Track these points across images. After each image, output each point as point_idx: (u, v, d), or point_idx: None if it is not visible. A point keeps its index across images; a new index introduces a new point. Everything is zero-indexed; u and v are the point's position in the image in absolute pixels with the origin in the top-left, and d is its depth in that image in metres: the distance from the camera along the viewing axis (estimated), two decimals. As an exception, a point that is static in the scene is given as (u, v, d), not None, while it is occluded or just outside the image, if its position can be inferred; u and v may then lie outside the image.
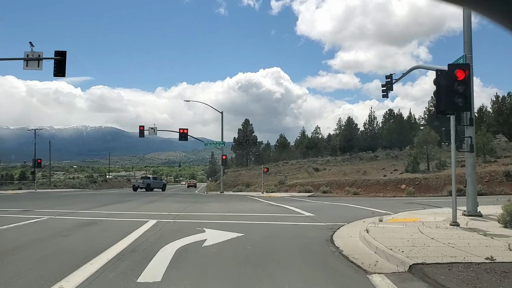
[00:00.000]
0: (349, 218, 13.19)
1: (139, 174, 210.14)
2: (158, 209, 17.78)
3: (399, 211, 15.91)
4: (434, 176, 37.54)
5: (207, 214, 15.03)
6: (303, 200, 27.44)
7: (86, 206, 18.50)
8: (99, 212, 15.51)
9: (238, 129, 76.01)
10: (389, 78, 24.05)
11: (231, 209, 17.81)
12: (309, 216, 14.28)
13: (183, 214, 14.87)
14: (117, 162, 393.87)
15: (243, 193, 43.70)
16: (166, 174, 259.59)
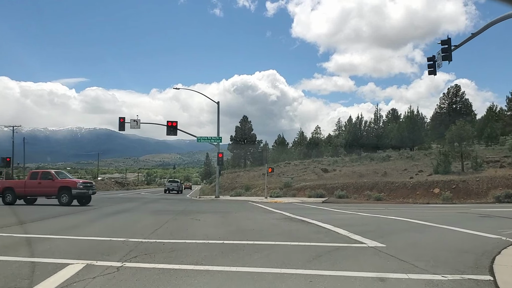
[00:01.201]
0: (469, 254, 6.76)
1: (132, 176, 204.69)
2: (116, 227, 11.42)
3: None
4: (473, 178, 31.19)
5: (192, 243, 8.59)
6: (325, 210, 20.93)
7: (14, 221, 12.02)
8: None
9: (236, 127, 69.47)
10: (446, 44, 17.63)
11: (233, 228, 11.31)
12: (379, 249, 7.72)
13: (150, 243, 8.43)
14: (111, 164, 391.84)
15: (242, 198, 37.15)
16: (160, 176, 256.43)
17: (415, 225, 11.69)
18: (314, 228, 11.12)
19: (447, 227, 10.94)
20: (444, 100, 68.94)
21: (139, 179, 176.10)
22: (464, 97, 67.87)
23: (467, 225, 11.63)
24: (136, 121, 37.80)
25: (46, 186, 22.62)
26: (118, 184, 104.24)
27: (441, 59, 18.98)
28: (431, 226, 11.40)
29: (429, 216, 15.16)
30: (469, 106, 67.17)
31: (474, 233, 9.75)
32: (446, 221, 12.88)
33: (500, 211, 18.41)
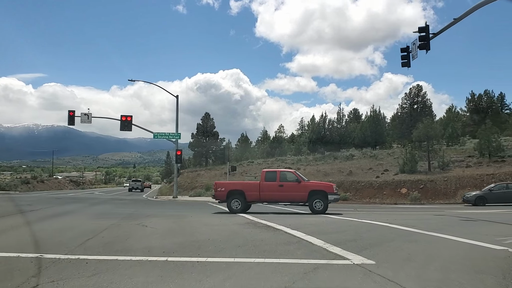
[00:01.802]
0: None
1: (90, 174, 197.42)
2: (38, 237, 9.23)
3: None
4: (441, 178, 30.40)
5: (125, 261, 6.57)
6: (292, 211, 19.16)
7: None
8: None
9: (197, 124, 66.62)
10: (424, 32, 16.21)
11: (184, 238, 9.29)
12: (369, 267, 5.90)
13: (69, 262, 6.42)
14: (69, 163, 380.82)
15: (202, 198, 34.96)
16: (120, 175, 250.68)
17: (399, 232, 10.02)
18: (282, 237, 9.25)
19: (436, 235, 9.33)
20: (406, 100, 69.09)
21: (97, 178, 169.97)
22: (425, 97, 68.17)
23: (457, 231, 10.09)
24: (88, 115, 34.90)
25: (292, 189, 18.25)
26: (73, 183, 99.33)
27: (416, 50, 17.67)
28: (418, 233, 9.77)
29: (408, 219, 13.64)
30: (430, 107, 67.55)
31: (473, 243, 8.15)
32: (430, 226, 11.35)
33: (477, 214, 17.24)
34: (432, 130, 33.67)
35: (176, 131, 36.28)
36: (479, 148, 37.13)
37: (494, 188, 25.77)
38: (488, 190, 25.68)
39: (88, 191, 69.64)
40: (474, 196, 25.37)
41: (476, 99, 70.98)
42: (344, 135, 69.21)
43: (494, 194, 25.19)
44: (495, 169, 30.87)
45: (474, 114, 69.78)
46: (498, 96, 70.32)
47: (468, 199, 25.42)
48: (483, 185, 28.01)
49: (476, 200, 24.88)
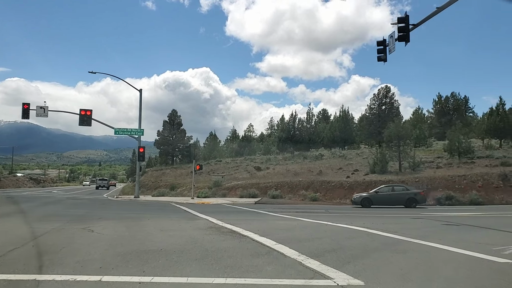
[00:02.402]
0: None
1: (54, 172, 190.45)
2: None
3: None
4: (412, 178, 29.74)
5: (44, 282, 5.02)
6: (260, 213, 17.83)
7: None
8: None
9: (164, 121, 64.17)
10: (403, 22, 15.18)
11: (132, 247, 7.77)
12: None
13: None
14: (33, 160, 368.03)
15: (166, 198, 33.19)
16: (84, 173, 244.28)
17: (382, 239, 8.82)
18: (249, 246, 7.87)
19: (425, 244, 8.18)
20: (375, 101, 69.06)
21: (60, 176, 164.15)
22: (393, 98, 68.30)
23: (445, 239, 8.98)
24: (44, 108, 32.53)
25: None
26: (33, 181, 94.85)
27: (393, 43, 16.63)
28: (404, 241, 8.59)
29: (386, 223, 12.53)
30: (397, 108, 67.74)
31: (470, 255, 7.01)
32: (414, 232, 10.24)
33: (457, 217, 16.38)
34: (403, 129, 33.11)
35: (139, 127, 34.35)
36: (449, 149, 36.89)
37: (379, 190, 25.63)
38: (374, 192, 25.56)
39: (48, 189, 66.30)
40: (360, 197, 25.10)
41: (443, 101, 71.67)
42: (314, 134, 68.66)
43: (380, 196, 25.04)
44: (466, 170, 30.51)
45: (441, 116, 70.55)
46: (462, 100, 71.23)
47: (355, 201, 25.22)
48: (455, 187, 27.54)
49: (362, 201, 24.66)
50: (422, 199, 24.79)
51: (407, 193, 24.85)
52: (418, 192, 25.17)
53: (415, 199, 24.47)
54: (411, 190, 25.23)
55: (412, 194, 24.75)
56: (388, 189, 25.71)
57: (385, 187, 26.15)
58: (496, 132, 47.46)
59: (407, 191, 25.12)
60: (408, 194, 24.69)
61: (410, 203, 24.22)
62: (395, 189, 25.57)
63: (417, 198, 24.56)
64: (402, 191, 25.13)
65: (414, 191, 25.22)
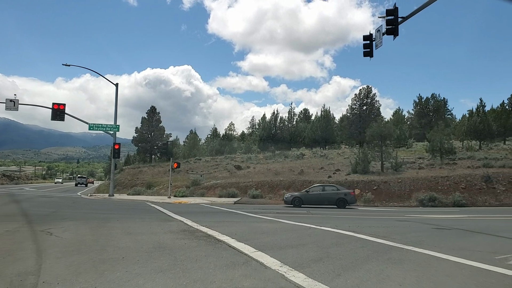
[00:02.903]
0: None
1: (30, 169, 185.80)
2: None
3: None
4: (395, 179, 29.19)
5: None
6: (239, 214, 16.89)
7: None
8: None
9: (142, 118, 62.48)
10: (392, 15, 14.44)
11: (91, 255, 6.74)
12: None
13: None
14: (9, 156, 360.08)
15: (141, 197, 31.95)
16: (62, 170, 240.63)
17: (372, 246, 7.96)
18: (225, 253, 6.93)
19: (421, 251, 7.36)
20: (356, 101, 68.88)
21: (36, 173, 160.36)
22: (374, 99, 68.20)
23: (442, 246, 8.19)
24: (14, 102, 30.89)
25: None
26: (6, 177, 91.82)
27: (380, 37, 15.91)
28: (396, 248, 7.75)
29: (374, 227, 11.72)
30: (378, 109, 67.68)
31: (474, 266, 6.21)
32: (405, 237, 9.44)
33: (445, 220, 15.73)
34: (386, 129, 32.58)
35: (114, 123, 32.97)
36: (431, 150, 36.59)
37: (310, 189, 25.35)
38: (305, 192, 25.30)
39: (20, 186, 64.06)
40: (291, 197, 24.82)
41: (423, 103, 71.94)
42: (295, 134, 68.14)
43: (311, 195, 24.74)
44: (449, 171, 30.14)
45: (421, 117, 70.80)
46: (441, 101, 71.61)
47: (286, 200, 24.87)
48: (438, 188, 27.09)
49: (293, 201, 24.40)
50: (352, 199, 24.46)
51: (337, 193, 24.58)
52: (348, 192, 24.84)
53: (345, 199, 24.20)
54: (341, 190, 24.89)
55: (342, 194, 24.46)
56: (319, 189, 25.34)
57: (316, 187, 25.83)
58: (476, 134, 47.58)
59: (338, 191, 24.80)
60: (338, 194, 24.44)
61: (340, 203, 24.01)
62: (326, 189, 25.22)
63: (347, 198, 24.26)
64: (333, 191, 24.80)
65: (344, 191, 24.87)
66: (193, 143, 77.17)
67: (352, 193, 25.07)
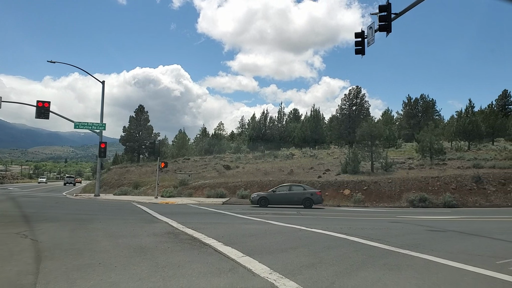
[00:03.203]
0: None
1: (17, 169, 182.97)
2: None
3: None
4: (385, 179, 28.91)
5: None
6: (227, 215, 16.43)
7: None
8: None
9: (130, 117, 61.53)
10: (385, 11, 14.08)
11: (66, 262, 6.22)
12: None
13: None
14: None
15: (128, 197, 31.30)
16: (50, 170, 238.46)
17: (366, 250, 7.54)
18: (210, 259, 6.45)
19: (418, 256, 6.96)
20: (345, 101, 68.74)
21: (23, 172, 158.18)
22: (364, 99, 68.17)
23: (439, 249, 7.81)
24: (-5, 99, 30.06)
25: None
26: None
27: (372, 34, 15.59)
28: (392, 252, 7.34)
29: (366, 228, 11.32)
30: (367, 109, 67.64)
31: (476, 271, 5.82)
32: (399, 239, 9.05)
33: (438, 221, 15.41)
34: (376, 129, 32.32)
35: (100, 121, 32.27)
36: (420, 150, 36.45)
37: (277, 189, 24.98)
38: (271, 191, 24.92)
39: (5, 186, 62.90)
40: (258, 196, 24.31)
41: (413, 103, 72.09)
42: (285, 134, 67.78)
43: (277, 195, 24.32)
44: (439, 172, 29.94)
45: (410, 117, 70.96)
46: (430, 102, 71.86)
47: (253, 200, 24.40)
48: (428, 188, 26.87)
49: (259, 200, 23.89)
50: (318, 199, 24.07)
51: (303, 193, 24.18)
52: (314, 192, 24.41)
53: (311, 199, 23.81)
54: (308, 190, 24.47)
55: (308, 194, 24.06)
56: (286, 189, 24.91)
57: (283, 187, 25.42)
58: (465, 134, 47.66)
59: (305, 191, 24.40)
60: (305, 194, 24.04)
61: (306, 203, 23.65)
62: (293, 189, 24.79)
63: (313, 198, 23.88)
64: (299, 191, 24.38)
65: (311, 191, 24.46)
66: (182, 142, 76.44)
67: (319, 193, 24.64)
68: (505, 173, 28.08)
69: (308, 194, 24.04)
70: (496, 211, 21.77)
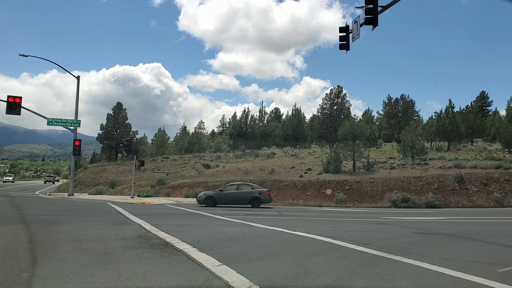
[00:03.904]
0: None
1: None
2: None
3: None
4: (367, 179, 28.50)
5: None
6: (205, 216, 15.67)
7: None
8: None
9: (108, 114, 59.99)
10: (371, 3, 13.51)
11: (12, 273, 5.39)
12: None
13: None
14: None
15: (103, 196, 30.19)
16: (26, 168, 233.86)
17: (356, 256, 6.89)
18: (182, 268, 5.70)
19: (412, 263, 6.34)
20: (327, 101, 68.71)
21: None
22: (345, 99, 68.17)
23: (433, 255, 7.22)
24: (-37, 94, 28.50)
25: None
26: None
27: (358, 29, 15.07)
28: (384, 259, 6.71)
29: (351, 231, 10.71)
30: (348, 109, 67.65)
31: (478, 282, 5.22)
32: (388, 244, 8.44)
33: (424, 222, 14.93)
34: (358, 128, 31.93)
35: (75, 117, 31.05)
36: (402, 150, 36.25)
37: (225, 188, 24.47)
38: (218, 190, 24.36)
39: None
40: (205, 196, 23.60)
41: (393, 103, 72.33)
42: (266, 133, 67.23)
43: (225, 194, 23.75)
44: (421, 171, 29.67)
45: (390, 118, 71.21)
46: (410, 102, 72.26)
47: (199, 199, 23.65)
48: (410, 188, 26.55)
49: (206, 200, 23.15)
50: (266, 198, 23.51)
51: (251, 192, 23.61)
52: (263, 191, 23.82)
53: (259, 198, 23.25)
54: (256, 189, 23.91)
55: (256, 193, 23.47)
56: (233, 188, 24.26)
57: (231, 186, 24.78)
58: (444, 135, 47.87)
59: (252, 190, 23.83)
60: (252, 193, 23.46)
61: (254, 203, 23.11)
62: (241, 188, 24.18)
63: (261, 197, 23.31)
64: (247, 190, 23.81)
65: (259, 190, 23.88)
66: (161, 141, 75.21)
67: (267, 192, 24.02)
68: (487, 173, 27.98)
69: (256, 193, 23.41)
70: (479, 211, 21.52)
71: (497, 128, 39.00)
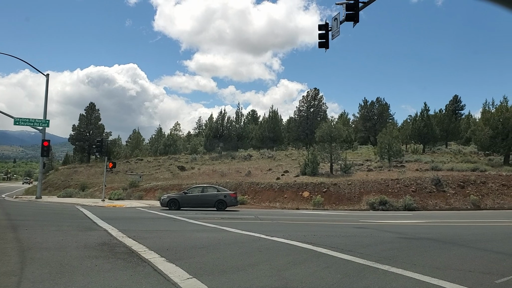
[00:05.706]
0: None
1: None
2: None
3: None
4: (344, 181, 28.18)
5: None
6: (178, 220, 14.92)
7: None
8: None
9: (80, 115, 58.05)
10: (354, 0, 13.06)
11: None
12: None
13: None
14: None
15: (73, 199, 28.98)
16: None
17: (340, 265, 6.30)
18: (146, 284, 4.99)
19: (402, 273, 5.79)
20: (303, 103, 68.57)
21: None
22: (322, 101, 68.17)
23: (422, 264, 6.70)
24: None
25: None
26: None
27: (338, 26, 14.59)
28: (371, 268, 6.14)
29: (332, 236, 10.17)
30: (325, 112, 67.65)
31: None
32: (373, 250, 7.90)
33: (403, 226, 14.52)
34: (336, 130, 31.65)
35: (44, 117, 29.76)
36: (379, 152, 36.18)
37: (189, 190, 23.96)
38: (183, 193, 23.73)
39: None
40: (168, 198, 22.85)
41: (369, 106, 72.73)
42: (243, 135, 66.63)
43: (189, 197, 23.06)
44: (399, 174, 29.52)
45: (366, 120, 71.58)
46: (385, 105, 72.78)
47: (162, 202, 22.90)
48: (388, 191, 26.35)
49: (169, 203, 22.38)
50: (232, 201, 22.98)
51: (217, 194, 23.02)
52: (228, 194, 23.27)
53: (224, 201, 22.69)
54: (221, 192, 23.34)
55: (222, 196, 22.90)
56: (198, 190, 23.66)
57: (195, 188, 24.21)
58: (420, 137, 48.26)
59: (218, 192, 23.27)
60: (218, 196, 22.87)
61: (220, 205, 22.54)
62: (206, 190, 23.56)
63: (226, 200, 22.77)
64: (213, 193, 23.22)
65: (224, 193, 23.33)
66: (136, 143, 73.82)
67: (233, 194, 23.40)
68: (463, 175, 28.03)
69: (222, 196, 22.76)
70: (457, 214, 21.38)
71: (472, 131, 39.42)
